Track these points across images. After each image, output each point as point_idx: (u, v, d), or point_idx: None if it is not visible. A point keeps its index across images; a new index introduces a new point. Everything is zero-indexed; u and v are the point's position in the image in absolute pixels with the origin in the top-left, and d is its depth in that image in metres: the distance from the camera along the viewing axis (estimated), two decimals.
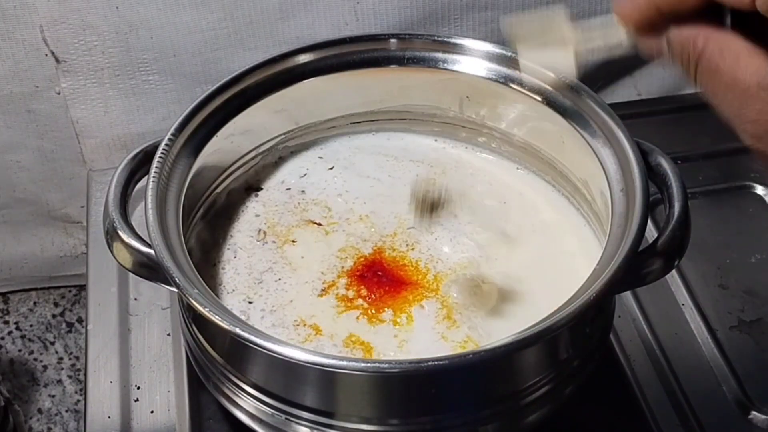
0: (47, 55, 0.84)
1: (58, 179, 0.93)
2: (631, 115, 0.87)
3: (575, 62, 0.54)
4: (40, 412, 1.01)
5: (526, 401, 0.59)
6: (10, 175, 0.92)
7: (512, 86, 0.69)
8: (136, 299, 0.78)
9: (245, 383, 0.59)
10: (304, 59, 0.70)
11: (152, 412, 0.71)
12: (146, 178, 0.62)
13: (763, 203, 0.84)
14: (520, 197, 0.72)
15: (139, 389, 0.72)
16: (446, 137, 0.76)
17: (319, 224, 0.70)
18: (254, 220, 0.70)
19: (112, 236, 0.60)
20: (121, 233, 0.60)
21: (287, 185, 0.73)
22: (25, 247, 0.99)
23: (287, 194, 0.72)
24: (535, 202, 0.72)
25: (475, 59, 0.70)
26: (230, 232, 0.70)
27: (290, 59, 0.69)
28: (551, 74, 0.67)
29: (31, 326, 1.03)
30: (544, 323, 0.54)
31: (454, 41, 0.70)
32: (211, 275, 0.66)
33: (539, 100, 0.68)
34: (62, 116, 0.88)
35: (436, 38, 0.70)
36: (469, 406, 0.58)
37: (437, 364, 0.53)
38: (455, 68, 0.70)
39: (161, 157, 0.62)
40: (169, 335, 0.75)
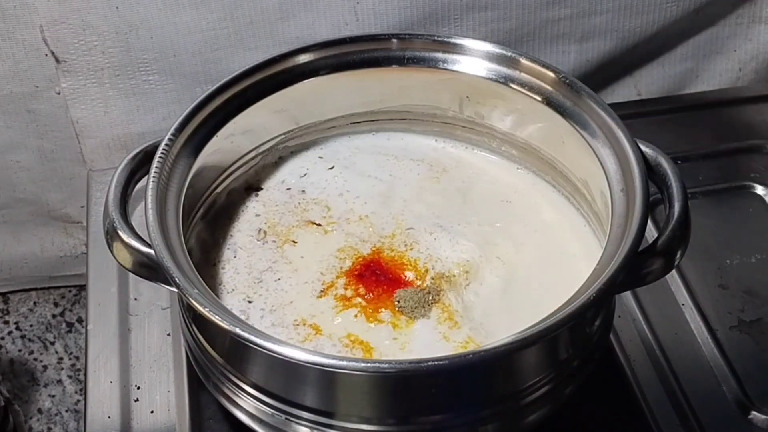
0: (47, 55, 0.84)
1: (58, 179, 0.93)
2: (631, 115, 0.87)
3: None
4: (40, 412, 1.01)
5: (526, 401, 0.59)
6: (10, 175, 0.92)
7: (512, 86, 0.69)
8: (136, 299, 0.78)
9: (245, 383, 0.59)
10: (304, 59, 0.70)
11: (152, 412, 0.71)
12: (146, 178, 0.62)
13: (763, 203, 0.84)
14: (520, 197, 0.72)
15: (139, 389, 0.72)
16: (446, 137, 0.76)
17: (318, 225, 0.70)
18: (254, 219, 0.70)
19: (112, 236, 0.60)
20: (121, 233, 0.60)
21: (287, 185, 0.73)
22: (25, 247, 0.99)
23: (287, 194, 0.72)
24: (535, 202, 0.72)
25: (475, 59, 0.70)
26: (230, 231, 0.70)
27: (290, 59, 0.69)
28: (551, 74, 0.67)
29: (31, 326, 1.03)
30: (544, 323, 0.54)
31: (454, 41, 0.70)
32: (211, 275, 0.66)
33: (539, 100, 0.68)
34: (62, 116, 0.88)
35: (436, 38, 0.70)
36: (469, 406, 0.58)
37: (437, 364, 0.53)
38: (455, 68, 0.70)
39: (161, 157, 0.62)
40: (169, 335, 0.75)
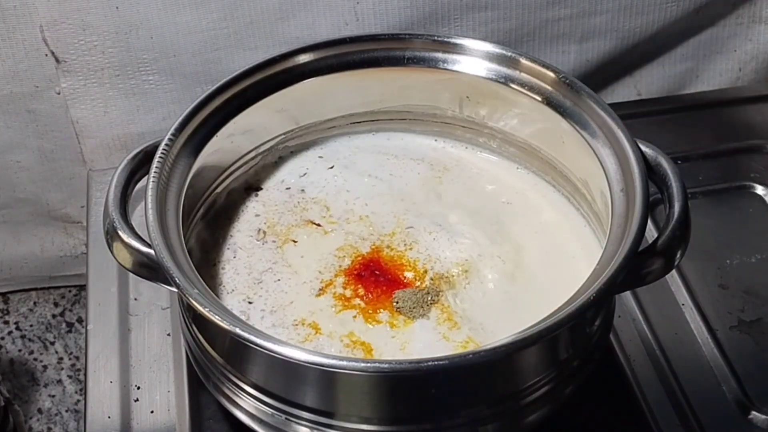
0: (47, 55, 0.84)
1: (58, 179, 0.93)
2: (631, 115, 0.87)
3: None
4: (40, 412, 1.01)
5: (526, 401, 0.59)
6: (10, 175, 0.92)
7: (512, 86, 0.69)
8: (136, 299, 0.78)
9: (245, 383, 0.59)
10: (304, 59, 0.70)
11: (152, 412, 0.71)
12: (146, 178, 0.62)
13: (763, 203, 0.84)
14: (520, 197, 0.72)
15: (139, 389, 0.72)
16: (446, 137, 0.76)
17: (318, 224, 0.70)
18: (254, 219, 0.70)
19: (112, 236, 0.60)
20: (121, 233, 0.60)
21: (287, 184, 0.73)
22: (25, 247, 0.99)
23: (287, 193, 0.72)
24: (535, 202, 0.72)
25: (475, 59, 0.70)
26: (230, 232, 0.70)
27: (290, 59, 0.69)
28: (551, 74, 0.67)
29: (31, 326, 1.03)
30: (544, 323, 0.54)
31: (454, 41, 0.70)
32: (211, 275, 0.66)
33: (539, 100, 0.68)
34: (62, 116, 0.88)
35: (436, 38, 0.70)
36: (469, 406, 0.58)
37: (437, 364, 0.53)
38: (455, 68, 0.70)
39: (161, 157, 0.62)
40: (169, 335, 0.75)
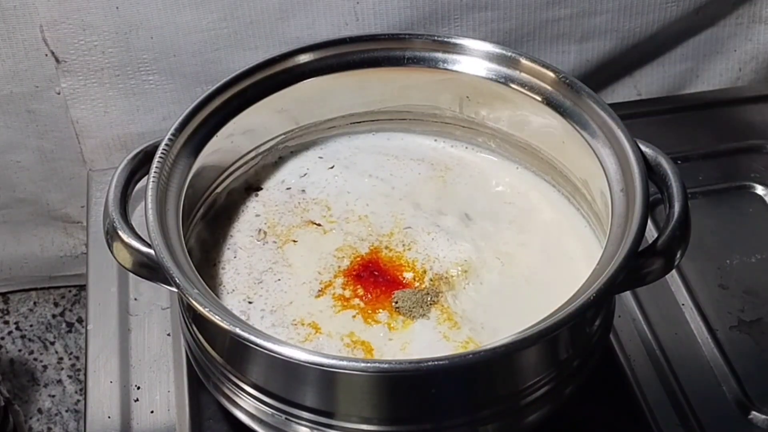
0: (47, 55, 0.84)
1: (58, 179, 0.93)
2: (631, 115, 0.87)
3: None
4: (40, 412, 1.01)
5: (526, 401, 0.59)
6: (10, 175, 0.92)
7: (512, 86, 0.69)
8: (136, 299, 0.78)
9: (245, 383, 0.59)
10: (304, 59, 0.70)
11: (152, 412, 0.71)
12: (146, 178, 0.62)
13: (763, 203, 0.84)
14: (520, 197, 0.72)
15: (139, 389, 0.72)
16: (446, 137, 0.76)
17: (318, 224, 0.70)
18: (254, 219, 0.70)
19: (112, 236, 0.60)
20: (121, 233, 0.60)
21: (287, 184, 0.73)
22: (25, 247, 0.99)
23: (287, 193, 0.72)
24: (535, 202, 0.72)
25: (475, 59, 0.70)
26: (230, 232, 0.70)
27: (290, 59, 0.69)
28: (551, 74, 0.67)
29: (31, 326, 1.03)
30: (544, 323, 0.54)
31: (454, 41, 0.70)
32: (211, 275, 0.66)
33: (539, 100, 0.68)
34: (62, 116, 0.88)
35: (436, 38, 0.70)
36: (469, 406, 0.58)
37: (437, 364, 0.53)
38: (455, 68, 0.70)
39: (161, 157, 0.62)
40: (169, 335, 0.75)
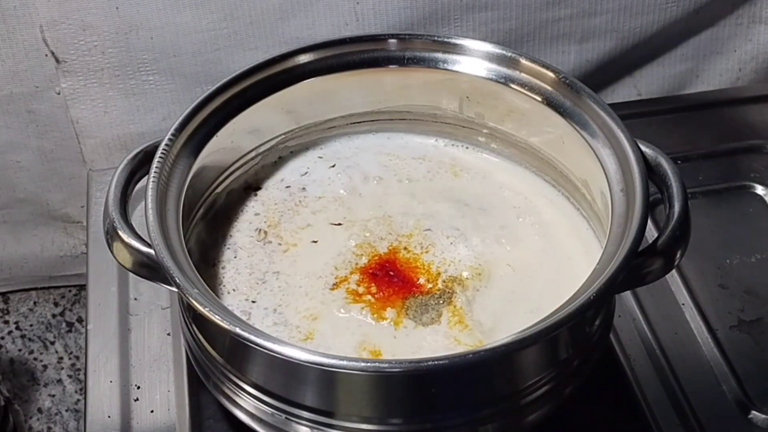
0: (47, 55, 0.84)
1: (58, 179, 0.93)
2: (631, 115, 0.87)
3: None
4: (40, 411, 1.01)
5: (526, 401, 0.59)
6: (10, 175, 0.92)
7: (512, 86, 0.69)
8: (136, 299, 0.78)
9: (245, 383, 0.59)
10: (304, 59, 0.70)
11: (152, 411, 0.71)
12: (146, 178, 0.62)
13: (763, 203, 0.84)
14: (520, 197, 0.72)
15: (139, 389, 0.72)
16: (446, 137, 0.76)
17: (318, 224, 0.70)
18: (254, 219, 0.70)
19: (112, 236, 0.60)
20: (121, 233, 0.60)
21: (287, 183, 0.73)
22: (25, 247, 0.99)
23: (287, 192, 0.72)
24: (535, 202, 0.72)
25: (475, 59, 0.70)
26: (230, 231, 0.70)
27: (290, 59, 0.69)
28: (551, 74, 0.67)
29: (31, 326, 1.03)
30: (544, 323, 0.54)
31: (454, 41, 0.70)
32: (211, 275, 0.66)
33: (539, 100, 0.68)
34: (62, 116, 0.88)
35: (436, 38, 0.70)
36: (469, 406, 0.58)
37: (437, 363, 0.53)
38: (455, 68, 0.70)
39: (161, 157, 0.62)
40: (169, 335, 0.75)
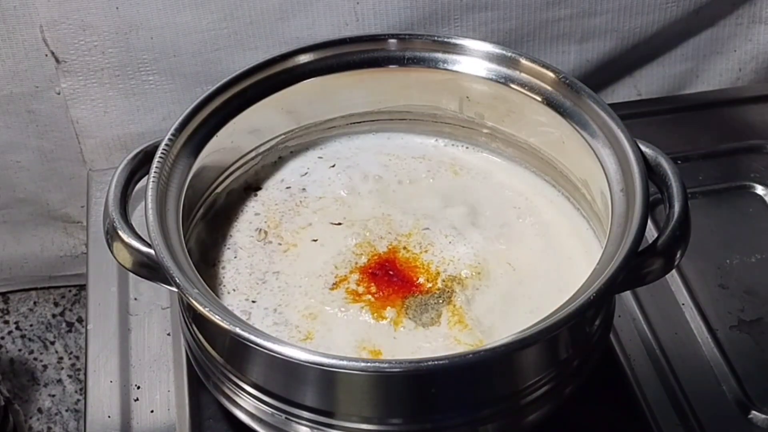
0: (47, 55, 0.84)
1: (58, 179, 0.93)
2: (631, 115, 0.87)
3: None
4: (40, 411, 1.01)
5: (526, 401, 0.59)
6: (10, 175, 0.92)
7: (512, 86, 0.69)
8: (136, 299, 0.78)
9: (245, 383, 0.59)
10: (304, 59, 0.70)
11: (152, 411, 0.71)
12: (146, 178, 0.62)
13: (763, 203, 0.84)
14: (520, 197, 0.72)
15: (139, 389, 0.72)
16: (446, 137, 0.76)
17: (318, 223, 0.70)
18: (254, 219, 0.70)
19: (112, 236, 0.60)
20: (121, 233, 0.60)
21: (287, 183, 0.73)
22: (25, 247, 0.99)
23: (287, 192, 0.72)
24: (535, 202, 0.72)
25: (475, 59, 0.70)
26: (230, 231, 0.70)
27: (290, 59, 0.69)
28: (551, 74, 0.67)
29: (31, 326, 1.03)
30: (544, 323, 0.54)
31: (454, 41, 0.70)
32: (211, 275, 0.66)
33: (539, 100, 0.68)
34: (62, 116, 0.88)
35: (436, 38, 0.70)
36: (469, 406, 0.58)
37: (437, 363, 0.53)
38: (455, 68, 0.70)
39: (161, 157, 0.62)
40: (169, 335, 0.75)
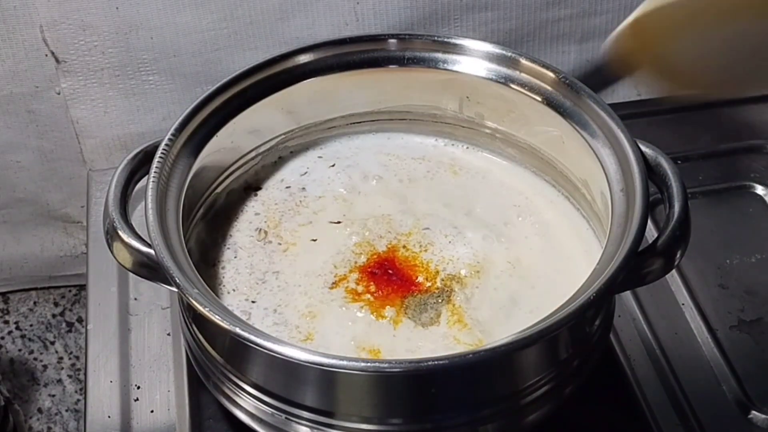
0: (47, 55, 0.84)
1: (58, 179, 0.93)
2: (631, 115, 0.87)
3: None
4: (40, 411, 1.01)
5: (526, 401, 0.59)
6: (10, 175, 0.92)
7: (512, 86, 0.69)
8: (136, 299, 0.78)
9: (245, 383, 0.59)
10: (304, 59, 0.70)
11: (152, 411, 0.71)
12: (146, 178, 0.62)
13: (763, 203, 0.84)
14: (520, 197, 0.72)
15: (139, 389, 0.72)
16: (446, 137, 0.76)
17: (318, 223, 0.70)
18: (254, 219, 0.70)
19: (112, 236, 0.60)
20: (121, 233, 0.60)
21: (287, 183, 0.73)
22: (25, 247, 0.99)
23: (287, 192, 0.72)
24: (535, 202, 0.72)
25: (475, 59, 0.70)
26: (230, 231, 0.70)
27: (290, 59, 0.69)
28: (551, 74, 0.67)
29: (31, 326, 1.03)
30: (544, 323, 0.54)
31: (454, 41, 0.70)
32: (211, 275, 0.66)
33: (539, 100, 0.68)
34: (62, 116, 0.88)
35: (436, 38, 0.70)
36: (469, 406, 0.58)
37: (437, 363, 0.53)
38: (455, 68, 0.70)
39: (161, 157, 0.62)
40: (169, 335, 0.75)
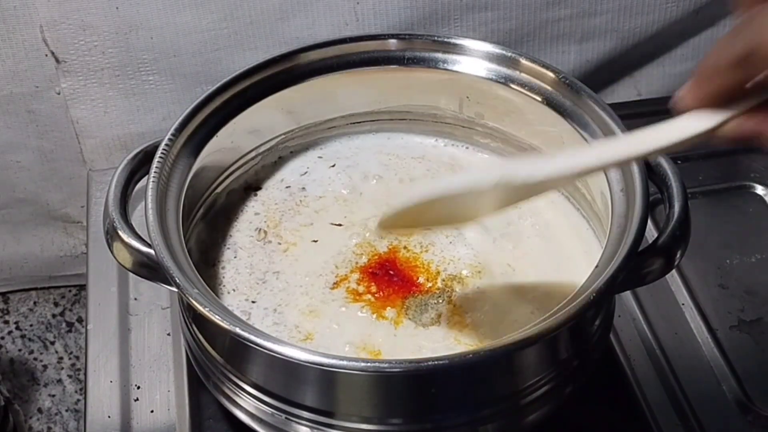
0: (47, 55, 0.84)
1: (58, 179, 0.93)
2: (631, 115, 0.86)
3: None
4: (40, 411, 1.01)
5: (526, 401, 0.59)
6: (10, 175, 0.92)
7: (512, 86, 0.69)
8: (136, 299, 0.78)
9: (245, 383, 0.59)
10: (304, 59, 0.70)
11: (152, 411, 0.71)
12: (146, 178, 0.62)
13: (763, 203, 0.84)
14: None
15: (139, 389, 0.72)
16: (446, 137, 0.76)
17: (318, 223, 0.70)
18: (254, 219, 0.70)
19: (112, 236, 0.60)
20: (121, 233, 0.60)
21: (287, 183, 0.73)
22: (25, 247, 0.99)
23: (287, 192, 0.72)
24: (535, 202, 0.71)
25: (475, 59, 0.70)
26: (230, 231, 0.70)
27: (290, 59, 0.69)
28: (551, 74, 0.67)
29: (31, 326, 1.03)
30: (544, 323, 0.54)
31: (454, 41, 0.70)
32: (211, 275, 0.66)
33: (539, 100, 0.68)
34: (62, 116, 0.88)
35: (436, 38, 0.70)
36: (469, 406, 0.58)
37: (437, 364, 0.53)
38: (455, 68, 0.70)
39: (161, 157, 0.62)
40: (169, 335, 0.75)
